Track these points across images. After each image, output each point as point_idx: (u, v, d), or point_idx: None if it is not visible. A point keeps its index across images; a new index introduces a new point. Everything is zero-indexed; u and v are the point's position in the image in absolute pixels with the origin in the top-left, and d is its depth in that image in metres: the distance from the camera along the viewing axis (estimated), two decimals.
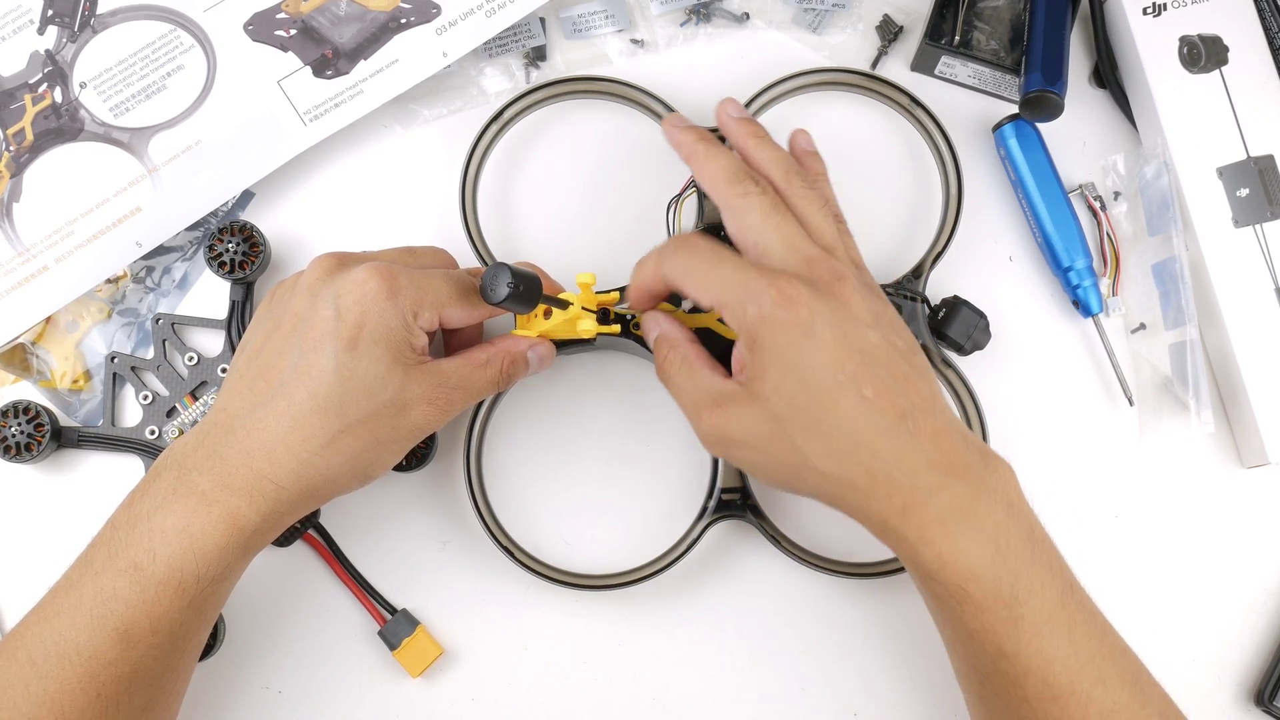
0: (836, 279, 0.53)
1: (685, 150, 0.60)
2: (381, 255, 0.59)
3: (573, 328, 0.60)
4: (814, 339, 0.51)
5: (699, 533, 0.62)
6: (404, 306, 0.54)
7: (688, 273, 0.55)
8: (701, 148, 0.59)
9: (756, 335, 0.52)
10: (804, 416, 0.51)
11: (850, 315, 0.53)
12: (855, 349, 0.52)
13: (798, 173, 0.58)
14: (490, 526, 0.62)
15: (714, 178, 0.57)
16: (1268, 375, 0.64)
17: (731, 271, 0.53)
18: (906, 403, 0.51)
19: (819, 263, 0.54)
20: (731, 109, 0.61)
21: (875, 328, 0.53)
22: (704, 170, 0.58)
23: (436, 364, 0.56)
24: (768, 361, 0.52)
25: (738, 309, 0.53)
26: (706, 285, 0.54)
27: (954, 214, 0.65)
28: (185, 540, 0.52)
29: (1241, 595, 0.65)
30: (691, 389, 0.56)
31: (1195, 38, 0.67)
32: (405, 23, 0.68)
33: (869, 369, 0.51)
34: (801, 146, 0.62)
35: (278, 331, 0.55)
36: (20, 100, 0.68)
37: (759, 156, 0.59)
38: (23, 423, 0.64)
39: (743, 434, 0.53)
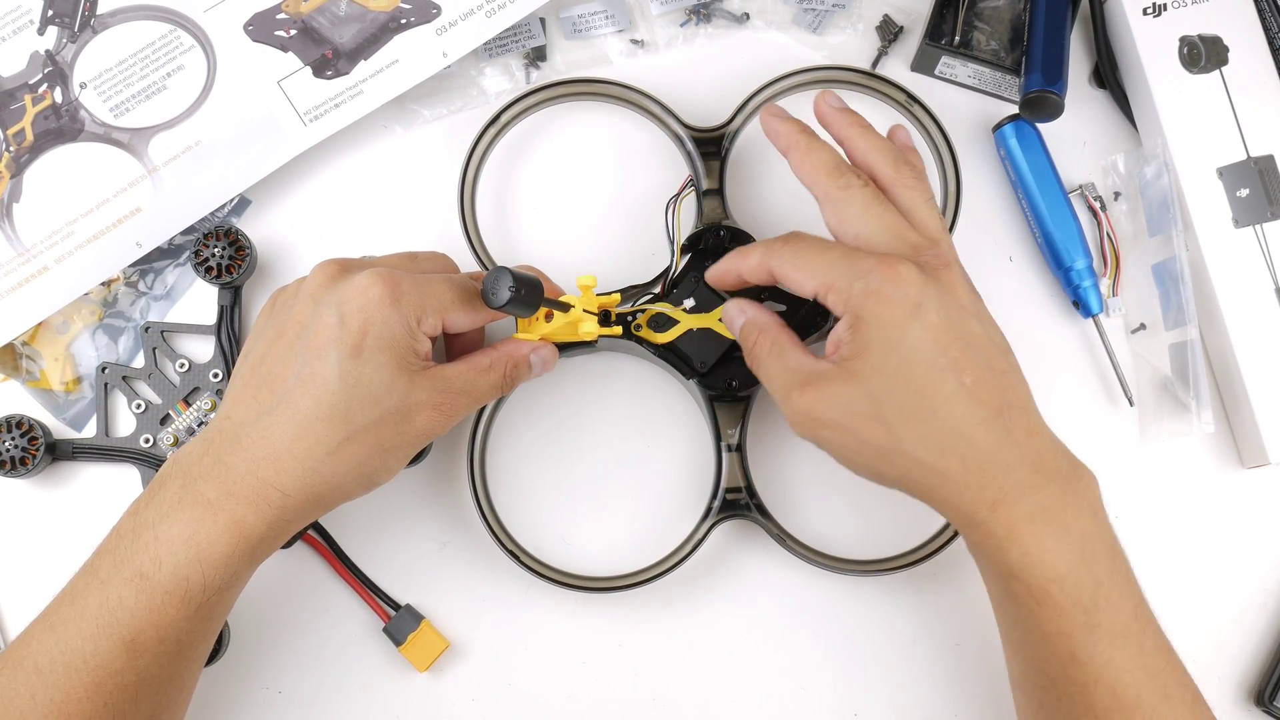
0: (944, 265, 0.54)
1: (784, 141, 0.59)
2: (384, 261, 0.59)
3: (574, 330, 0.60)
4: (921, 319, 0.51)
5: (704, 533, 0.62)
6: (407, 312, 0.54)
7: (796, 257, 0.55)
8: (802, 140, 0.58)
9: (862, 311, 0.52)
10: (903, 398, 0.51)
11: (956, 302, 0.53)
12: (959, 335, 0.52)
13: (906, 162, 0.58)
14: (493, 527, 0.62)
15: (815, 170, 0.57)
16: (1268, 375, 0.64)
17: (840, 254, 0.54)
18: (1004, 397, 0.52)
19: (925, 249, 0.54)
20: (832, 99, 0.61)
21: (978, 319, 0.53)
22: (805, 162, 0.58)
23: (440, 369, 0.56)
24: (871, 338, 0.52)
25: (844, 287, 0.52)
26: (813, 268, 0.54)
27: (953, 210, 0.65)
28: (191, 549, 0.52)
29: (1241, 595, 0.65)
30: (782, 370, 0.55)
31: (1195, 38, 0.67)
32: (405, 23, 0.68)
33: (971, 357, 0.51)
34: (902, 140, 0.61)
35: (281, 339, 0.55)
36: (20, 100, 0.68)
37: (863, 146, 0.58)
38: (16, 437, 0.63)
39: (835, 414, 0.53)
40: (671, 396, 0.67)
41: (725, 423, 0.63)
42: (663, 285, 0.65)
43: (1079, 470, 0.53)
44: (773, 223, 0.68)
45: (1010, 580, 0.51)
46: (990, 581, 0.54)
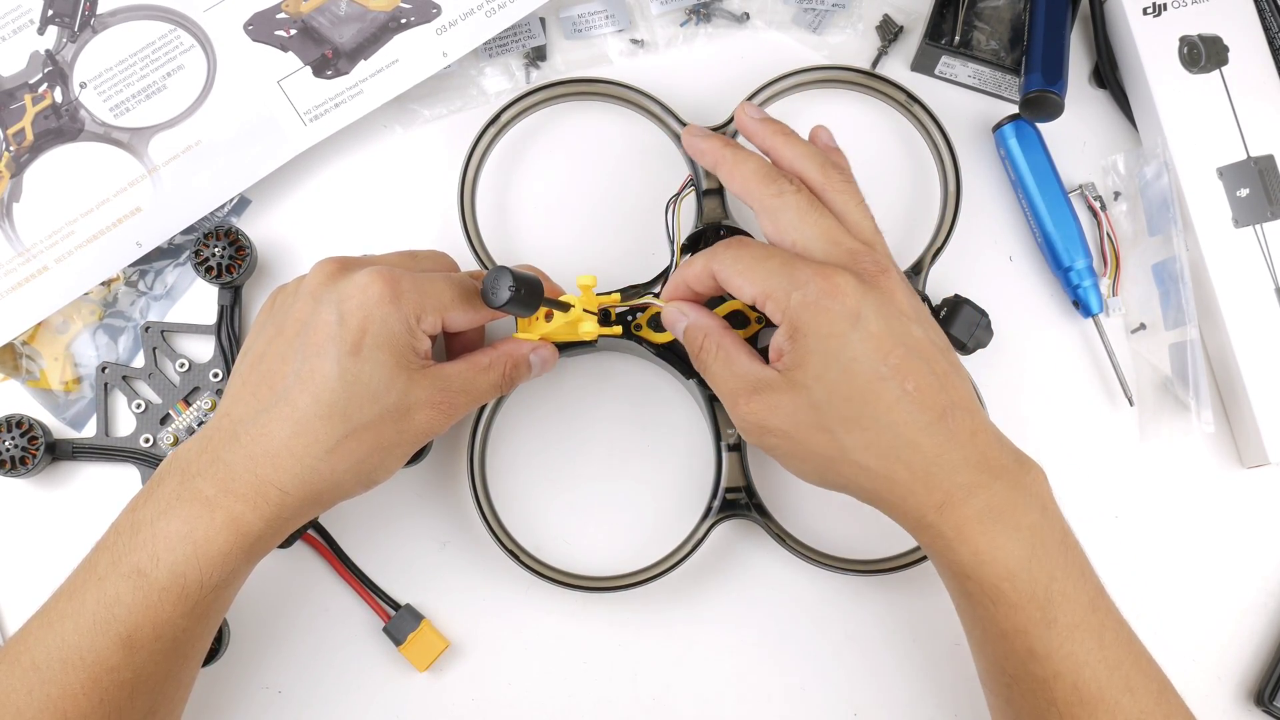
0: (880, 271, 0.54)
1: (710, 157, 0.60)
2: (383, 259, 0.59)
3: (574, 330, 0.60)
4: (860, 329, 0.51)
5: (704, 533, 0.62)
6: (407, 311, 0.54)
7: (735, 264, 0.55)
8: (728, 153, 0.59)
9: (799, 322, 0.52)
10: (845, 407, 0.52)
11: (895, 308, 0.53)
12: (899, 342, 0.52)
13: (833, 165, 0.58)
14: (493, 527, 0.62)
15: (745, 180, 0.57)
16: (1268, 375, 0.64)
17: (779, 263, 0.54)
18: (947, 399, 0.52)
19: (862, 255, 0.54)
20: (752, 111, 0.61)
21: (918, 322, 0.54)
22: (734, 174, 0.58)
23: (440, 368, 0.56)
24: (810, 348, 0.52)
25: (782, 297, 0.53)
26: (753, 276, 0.54)
27: (953, 209, 0.65)
28: (189, 546, 0.52)
29: (1241, 595, 0.65)
30: (729, 376, 0.55)
31: (1195, 38, 0.67)
32: (405, 23, 0.68)
33: (912, 363, 0.52)
34: (824, 142, 0.61)
35: (280, 336, 0.55)
36: (20, 100, 0.68)
37: (789, 154, 0.58)
38: (16, 436, 0.64)
39: (780, 422, 0.53)
40: (671, 396, 0.67)
41: (725, 422, 0.63)
42: (663, 285, 0.65)
43: (1026, 465, 0.53)
44: None
45: (964, 580, 0.52)
46: (947, 582, 0.54)
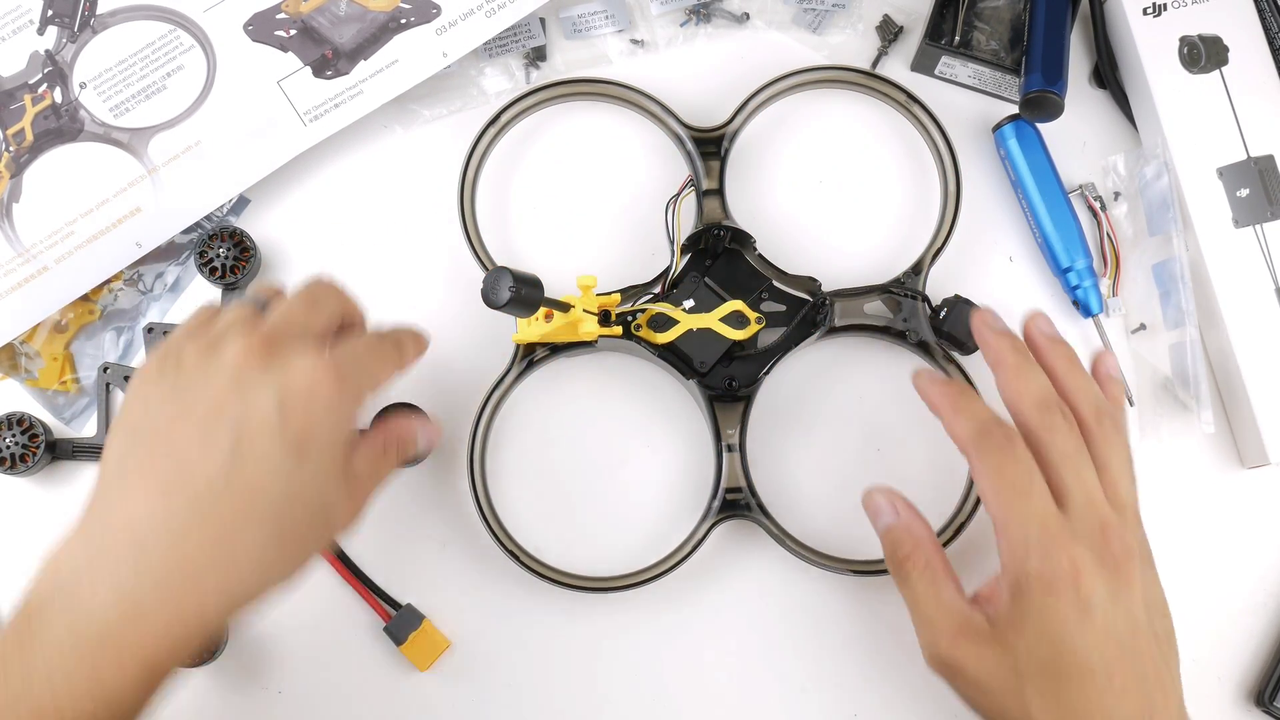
0: (1126, 556, 0.52)
1: (994, 355, 0.57)
2: (288, 315, 0.52)
3: (574, 330, 0.61)
4: (1087, 620, 0.51)
5: (704, 533, 0.62)
6: (350, 406, 0.50)
7: (996, 475, 0.53)
8: (1015, 360, 0.56)
9: (1029, 589, 0.51)
10: (1047, 684, 0.51)
11: (1127, 597, 0.52)
12: (1119, 639, 0.51)
13: (1110, 416, 0.56)
14: (493, 527, 0.62)
15: (1020, 397, 0.55)
16: (1268, 375, 0.64)
17: (1031, 516, 0.52)
18: (1149, 705, 0.51)
19: (1113, 534, 0.53)
20: (1044, 325, 0.58)
21: (1145, 611, 0.53)
22: (1012, 385, 0.55)
23: (351, 464, 0.51)
24: (1029, 619, 0.51)
25: (1021, 551, 0.52)
26: (1004, 505, 0.52)
27: (953, 210, 0.65)
28: (96, 690, 0.44)
29: (1242, 596, 0.65)
30: (934, 603, 0.54)
31: (1195, 38, 0.67)
32: (405, 23, 0.68)
33: (1126, 659, 0.51)
34: (1106, 372, 0.59)
35: (187, 419, 0.47)
36: (20, 100, 0.68)
37: (1070, 384, 0.56)
38: (17, 434, 0.63)
39: (978, 675, 0.53)
40: (671, 396, 0.67)
41: (725, 423, 0.63)
42: (663, 285, 0.65)
43: None
44: (772, 222, 0.68)
45: None
46: None
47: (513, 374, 0.64)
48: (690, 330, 0.64)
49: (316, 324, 0.52)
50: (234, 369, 0.48)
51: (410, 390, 0.65)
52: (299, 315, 0.52)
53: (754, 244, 0.65)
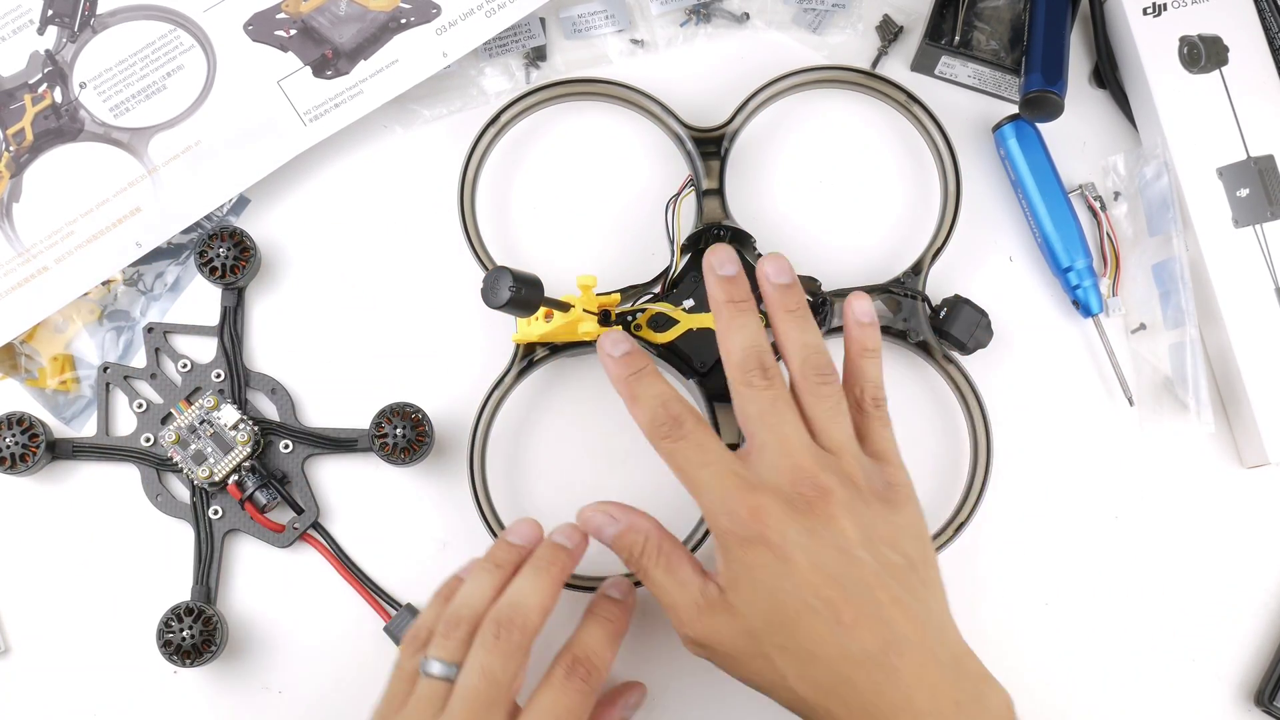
0: (820, 495, 0.52)
1: (711, 301, 0.58)
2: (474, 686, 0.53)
3: (574, 330, 0.61)
4: (786, 562, 0.50)
5: (704, 533, 0.62)
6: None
7: (675, 455, 0.55)
8: (728, 312, 0.57)
9: (729, 547, 0.52)
10: (778, 636, 0.51)
11: (832, 535, 0.51)
12: (832, 573, 0.50)
13: (814, 367, 0.56)
14: (493, 527, 0.62)
15: (727, 352, 0.56)
16: (1268, 375, 0.64)
17: (713, 475, 0.53)
18: (890, 633, 0.50)
19: (805, 476, 0.52)
20: (771, 269, 0.58)
21: (864, 546, 0.52)
22: (722, 337, 0.57)
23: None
24: (739, 576, 0.52)
25: (711, 516, 0.53)
26: (692, 479, 0.54)
27: (953, 209, 0.65)
28: None
29: (1241, 595, 0.65)
30: (674, 585, 0.54)
31: (1195, 38, 0.67)
32: (405, 23, 0.68)
33: (847, 594, 0.50)
34: (851, 320, 0.59)
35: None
36: (20, 100, 0.68)
37: (781, 335, 0.57)
38: (17, 434, 0.63)
39: (724, 645, 0.52)
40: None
41: (725, 423, 0.63)
42: (663, 285, 0.65)
43: (983, 698, 0.51)
44: (772, 222, 0.68)
45: None
46: None
47: (513, 374, 0.64)
48: (690, 330, 0.64)
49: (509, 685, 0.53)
50: None
51: (410, 391, 0.65)
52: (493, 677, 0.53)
53: (754, 244, 0.65)
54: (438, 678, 0.53)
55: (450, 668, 0.53)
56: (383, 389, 0.65)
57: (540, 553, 0.57)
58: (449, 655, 0.53)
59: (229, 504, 0.64)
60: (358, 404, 0.65)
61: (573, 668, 0.54)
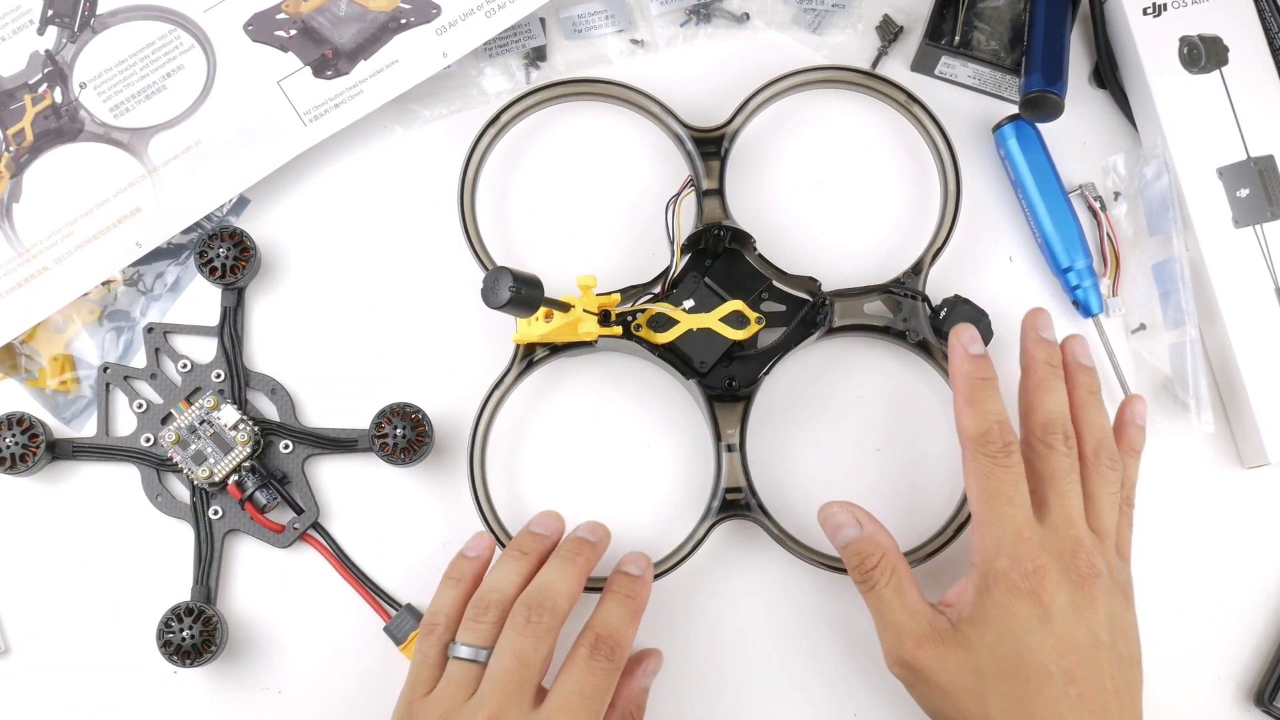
0: (1092, 574, 0.54)
1: (1028, 360, 0.60)
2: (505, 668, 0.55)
3: (574, 330, 0.61)
4: (1045, 625, 0.53)
5: (704, 533, 0.62)
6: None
7: (990, 478, 0.56)
8: (1044, 374, 0.59)
9: (994, 587, 0.54)
10: (1005, 685, 0.53)
11: (1089, 613, 0.54)
12: (1078, 647, 0.53)
13: (1109, 452, 0.58)
14: (493, 527, 0.62)
15: (1034, 410, 0.58)
16: (1268, 375, 0.64)
17: (1013, 517, 0.55)
18: (1103, 716, 0.52)
19: (1083, 552, 0.55)
20: (1080, 349, 0.62)
21: (1108, 631, 0.54)
22: (1031, 396, 0.59)
23: None
24: (991, 616, 0.54)
25: (992, 550, 0.55)
26: (993, 507, 0.55)
27: (953, 210, 0.65)
28: None
29: (1241, 595, 0.65)
30: (900, 610, 0.56)
31: (1195, 38, 0.67)
32: (405, 23, 0.68)
33: (1086, 669, 0.53)
34: (1129, 419, 0.62)
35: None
36: (20, 100, 0.68)
37: (1082, 413, 0.59)
38: (17, 434, 0.63)
39: (940, 676, 0.54)
40: (671, 396, 0.67)
41: (725, 423, 0.63)
42: (663, 285, 0.65)
43: None
44: (772, 222, 0.68)
45: None
46: None
47: (513, 374, 0.64)
48: (690, 330, 0.64)
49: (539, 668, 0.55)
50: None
51: (410, 391, 0.65)
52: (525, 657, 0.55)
53: (754, 244, 0.65)
54: (467, 660, 0.55)
55: (480, 651, 0.55)
56: (383, 389, 0.65)
57: (566, 544, 0.59)
58: (480, 639, 0.55)
59: (229, 504, 0.64)
60: (358, 404, 0.65)
61: (596, 646, 0.55)
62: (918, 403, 0.67)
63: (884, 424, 0.67)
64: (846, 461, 0.66)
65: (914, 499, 0.61)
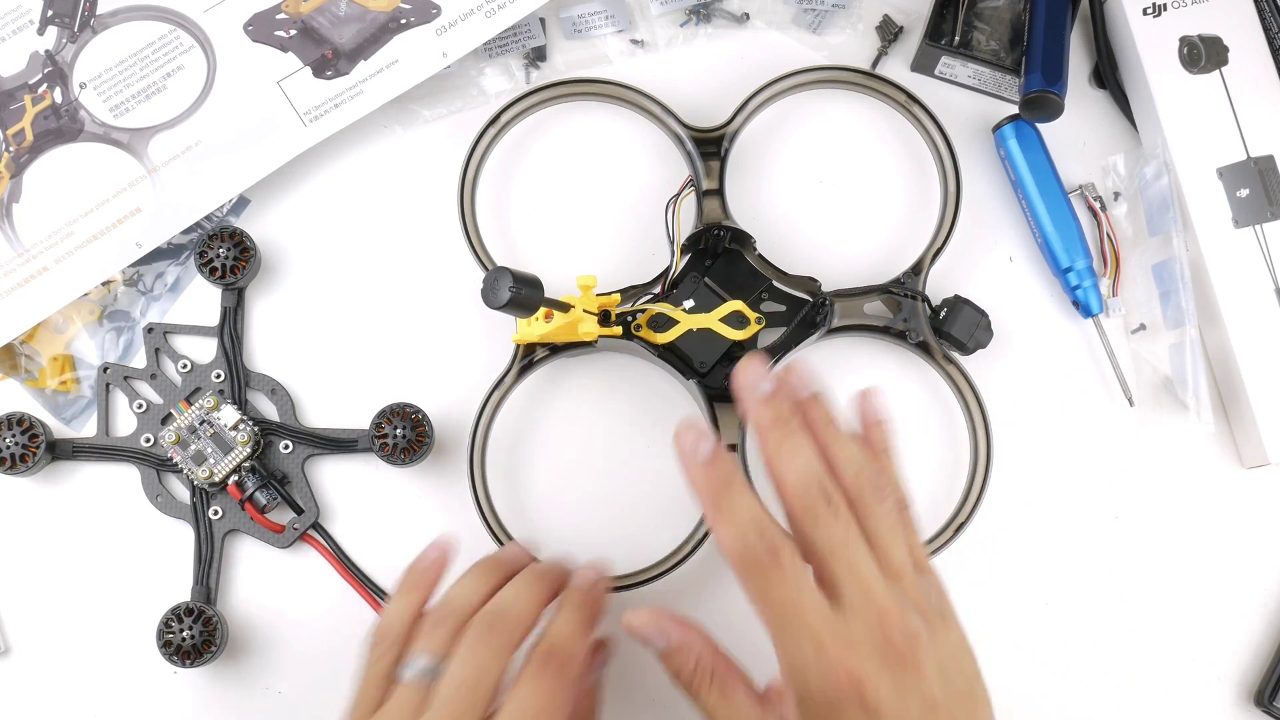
0: (910, 643, 0.48)
1: (754, 425, 0.52)
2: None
3: (574, 330, 0.61)
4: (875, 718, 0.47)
5: (704, 533, 0.62)
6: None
7: (768, 592, 0.49)
8: (776, 436, 0.51)
9: (812, 710, 0.48)
10: None
11: (917, 683, 0.48)
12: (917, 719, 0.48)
13: (870, 482, 0.51)
14: (493, 527, 0.62)
15: (782, 481, 0.50)
16: (1268, 375, 0.64)
17: (807, 627, 0.48)
18: None
19: (893, 624, 0.48)
20: (794, 382, 0.53)
21: (940, 682, 0.49)
22: (772, 465, 0.51)
23: None
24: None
25: (799, 672, 0.48)
26: (783, 623, 0.49)
27: (953, 210, 0.65)
28: None
29: (1241, 595, 0.65)
30: (726, 715, 0.51)
31: (1195, 38, 0.67)
32: (405, 23, 0.68)
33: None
34: (867, 420, 0.55)
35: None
36: (20, 100, 0.68)
37: (828, 450, 0.52)
38: (17, 434, 0.63)
39: None
40: (671, 396, 0.67)
41: (725, 423, 0.63)
42: (663, 285, 0.65)
43: None
44: (772, 222, 0.68)
45: None
46: None
47: (513, 374, 0.64)
48: (690, 330, 0.64)
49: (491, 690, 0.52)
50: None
51: (410, 391, 0.65)
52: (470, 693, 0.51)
53: (754, 244, 0.65)
54: (422, 671, 0.52)
55: (432, 667, 0.51)
56: (383, 389, 0.65)
57: (531, 568, 0.57)
58: (435, 648, 0.52)
59: (229, 504, 0.64)
60: (358, 404, 0.65)
61: (547, 659, 0.52)
62: (918, 403, 0.67)
63: None
64: None
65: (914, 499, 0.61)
